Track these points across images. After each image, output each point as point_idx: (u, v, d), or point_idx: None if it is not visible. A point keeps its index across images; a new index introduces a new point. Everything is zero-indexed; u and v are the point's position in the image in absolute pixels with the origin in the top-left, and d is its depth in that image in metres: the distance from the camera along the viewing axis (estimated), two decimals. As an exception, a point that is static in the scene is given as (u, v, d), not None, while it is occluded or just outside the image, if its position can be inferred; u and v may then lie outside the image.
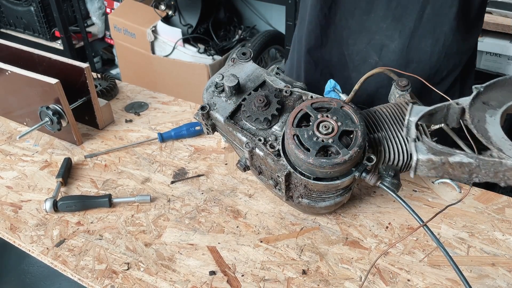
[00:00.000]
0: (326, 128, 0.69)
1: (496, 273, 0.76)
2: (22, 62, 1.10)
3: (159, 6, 2.59)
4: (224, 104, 0.82)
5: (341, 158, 0.67)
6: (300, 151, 0.68)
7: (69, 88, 1.02)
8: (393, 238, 0.82)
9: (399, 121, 0.75)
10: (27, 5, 2.88)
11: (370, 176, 0.71)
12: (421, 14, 0.88)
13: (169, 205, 0.91)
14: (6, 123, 1.19)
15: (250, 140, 0.77)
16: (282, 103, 0.78)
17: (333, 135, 0.68)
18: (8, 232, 0.85)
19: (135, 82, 1.42)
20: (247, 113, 0.77)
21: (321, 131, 0.69)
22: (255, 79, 0.83)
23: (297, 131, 0.70)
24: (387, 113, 0.77)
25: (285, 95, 0.79)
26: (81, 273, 0.76)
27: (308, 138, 0.69)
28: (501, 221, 0.86)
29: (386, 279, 0.75)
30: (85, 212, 0.89)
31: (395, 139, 0.74)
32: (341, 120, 0.69)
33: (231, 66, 0.85)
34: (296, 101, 0.79)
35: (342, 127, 0.69)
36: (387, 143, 0.74)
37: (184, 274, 0.76)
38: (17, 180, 0.98)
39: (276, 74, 0.84)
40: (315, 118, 0.70)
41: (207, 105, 0.82)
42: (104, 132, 1.14)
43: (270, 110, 0.76)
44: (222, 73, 0.83)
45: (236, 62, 0.85)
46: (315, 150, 0.68)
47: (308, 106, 0.71)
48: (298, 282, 0.75)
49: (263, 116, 0.76)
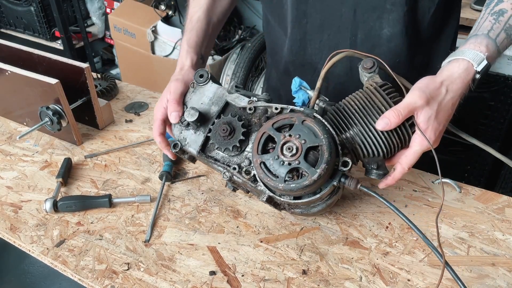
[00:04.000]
0: (290, 150, 0.67)
1: (496, 273, 0.76)
2: (22, 62, 1.10)
3: (159, 6, 2.59)
4: (194, 137, 0.81)
5: (309, 179, 0.66)
6: (269, 179, 0.67)
7: (69, 88, 1.02)
8: (393, 238, 0.82)
9: (369, 110, 0.70)
10: (27, 5, 2.88)
11: (349, 181, 0.70)
12: (353, 39, 0.91)
13: (169, 205, 0.91)
14: (6, 123, 1.19)
15: (226, 169, 0.77)
16: (248, 123, 0.77)
17: (298, 156, 0.67)
18: (8, 232, 0.85)
19: (135, 82, 1.42)
20: (215, 145, 0.77)
21: (285, 154, 0.68)
22: (218, 101, 0.81)
23: (263, 158, 0.69)
24: (355, 105, 0.72)
25: (249, 112, 0.77)
26: (81, 273, 0.76)
27: (274, 163, 0.68)
28: (501, 221, 0.86)
29: (386, 279, 0.75)
30: (85, 212, 0.89)
31: (368, 131, 0.70)
32: (305, 137, 0.67)
33: (192, 93, 0.83)
34: (262, 116, 0.77)
35: (307, 145, 0.67)
36: (360, 139, 0.70)
37: (184, 274, 0.76)
38: (17, 180, 0.98)
39: (236, 90, 0.81)
40: (278, 140, 0.68)
41: (178, 141, 0.82)
42: (104, 132, 1.14)
43: (236, 137, 0.75)
44: (186, 102, 0.83)
45: (196, 86, 0.83)
46: (283, 175, 0.67)
47: (270, 127, 0.70)
48: (298, 282, 0.75)
49: (231, 145, 0.75)
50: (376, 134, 0.69)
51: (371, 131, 0.70)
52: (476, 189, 0.93)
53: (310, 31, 0.93)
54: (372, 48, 0.90)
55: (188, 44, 0.91)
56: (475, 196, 0.92)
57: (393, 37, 0.89)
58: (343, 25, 0.90)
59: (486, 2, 0.77)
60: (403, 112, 0.66)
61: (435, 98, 0.68)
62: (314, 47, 0.95)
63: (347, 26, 0.89)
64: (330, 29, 0.91)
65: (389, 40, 0.90)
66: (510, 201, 0.90)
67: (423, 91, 0.67)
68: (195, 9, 0.94)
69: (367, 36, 0.90)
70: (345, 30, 0.90)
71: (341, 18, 0.89)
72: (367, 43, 0.90)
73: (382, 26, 0.88)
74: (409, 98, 0.67)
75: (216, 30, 0.99)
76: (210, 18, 0.96)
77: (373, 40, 0.90)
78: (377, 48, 0.90)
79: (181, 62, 0.91)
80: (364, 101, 0.71)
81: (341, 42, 0.92)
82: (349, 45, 0.91)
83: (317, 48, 0.95)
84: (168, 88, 0.84)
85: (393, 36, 0.89)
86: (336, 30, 0.91)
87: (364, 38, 0.90)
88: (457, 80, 0.69)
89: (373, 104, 0.70)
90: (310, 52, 0.96)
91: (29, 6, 2.88)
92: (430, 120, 0.68)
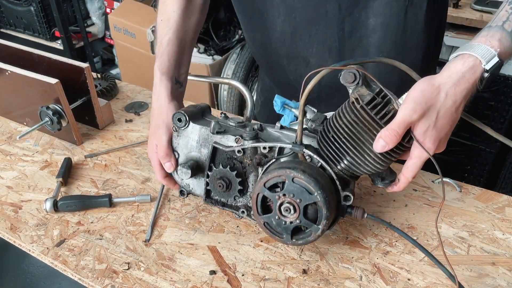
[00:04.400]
0: (288, 211, 0.68)
1: (496, 272, 0.76)
2: (22, 62, 1.10)
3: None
4: (196, 182, 0.85)
5: (314, 235, 0.69)
6: (276, 238, 0.69)
7: (69, 88, 1.02)
8: (393, 238, 0.82)
9: (360, 136, 0.65)
10: (27, 5, 2.89)
11: (355, 212, 0.70)
12: (341, 34, 0.90)
13: (169, 204, 0.91)
14: (6, 123, 1.19)
15: (235, 212, 0.82)
16: (241, 165, 0.78)
17: (298, 215, 0.67)
18: (8, 232, 0.85)
19: (135, 82, 1.42)
20: (216, 195, 0.81)
21: (285, 215, 0.68)
22: (205, 143, 0.81)
23: (265, 219, 0.71)
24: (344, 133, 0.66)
25: (239, 155, 0.77)
26: (82, 273, 0.76)
27: (277, 224, 0.70)
28: (501, 220, 0.86)
29: (387, 278, 0.75)
30: (85, 212, 0.89)
31: (363, 159, 0.66)
32: (299, 196, 0.66)
33: (178, 137, 0.83)
34: (253, 156, 0.76)
35: (303, 204, 0.66)
36: (357, 166, 0.67)
37: (185, 273, 0.76)
38: (17, 180, 0.98)
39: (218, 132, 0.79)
40: (274, 201, 0.68)
41: (183, 189, 0.85)
42: (104, 132, 1.14)
43: (235, 188, 0.78)
44: (175, 148, 0.83)
45: (179, 130, 0.82)
46: (288, 234, 0.69)
47: (262, 188, 0.69)
48: (298, 282, 0.75)
49: (232, 196, 0.79)
50: (372, 159, 0.66)
51: (366, 158, 0.66)
52: (476, 189, 0.93)
53: (299, 25, 0.92)
54: (360, 40, 0.89)
55: (161, 70, 0.86)
56: (475, 195, 0.92)
57: (380, 26, 0.87)
58: (330, 21, 0.88)
59: None
60: (399, 131, 0.61)
61: (433, 106, 0.61)
62: (304, 41, 0.94)
63: (334, 21, 0.88)
64: (318, 25, 0.90)
65: (375, 30, 0.88)
66: (510, 200, 0.90)
67: (418, 103, 0.61)
68: (164, 31, 0.88)
69: (354, 28, 0.88)
70: (333, 25, 0.89)
71: (326, 14, 0.88)
72: (354, 34, 0.89)
73: (368, 16, 0.87)
74: (403, 113, 0.61)
75: (191, 47, 0.94)
76: (182, 37, 0.89)
77: (360, 31, 0.89)
78: (365, 39, 0.89)
79: (156, 92, 0.87)
80: (353, 126, 0.65)
81: (329, 37, 0.91)
82: (337, 40, 0.90)
83: (307, 42, 0.94)
84: (153, 133, 0.85)
85: (378, 25, 0.87)
86: (323, 25, 0.90)
87: (351, 31, 0.89)
88: (460, 81, 0.62)
89: (363, 128, 0.65)
90: (301, 45, 0.95)
91: (29, 6, 2.88)
92: (428, 131, 0.62)
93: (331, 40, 0.91)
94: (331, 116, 0.69)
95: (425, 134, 0.63)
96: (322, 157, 0.70)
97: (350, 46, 0.91)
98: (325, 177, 0.68)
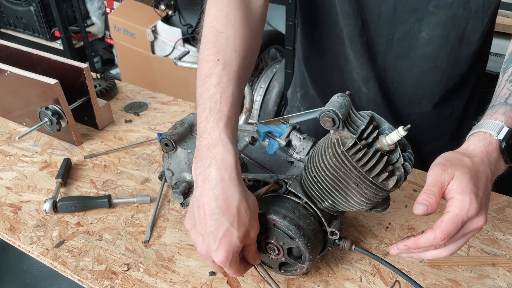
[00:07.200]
0: (273, 250, 0.70)
1: (496, 273, 0.76)
2: (21, 62, 1.10)
3: (159, 6, 2.59)
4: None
5: (299, 271, 0.71)
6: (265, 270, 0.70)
7: (68, 88, 1.02)
8: (393, 239, 0.82)
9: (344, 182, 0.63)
10: (27, 5, 2.88)
11: (343, 244, 0.71)
12: (391, 38, 0.89)
13: (168, 205, 0.91)
14: (5, 123, 1.18)
15: None
16: None
17: (282, 255, 0.69)
18: (8, 233, 0.85)
19: (135, 82, 1.42)
20: None
21: (270, 253, 0.70)
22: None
23: None
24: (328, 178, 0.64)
25: None
26: (81, 274, 0.76)
27: (264, 258, 0.72)
28: (501, 221, 0.85)
29: (386, 279, 0.75)
30: (85, 212, 0.89)
31: (344, 198, 0.64)
32: (282, 239, 0.67)
33: (168, 158, 0.82)
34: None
35: (286, 246, 0.68)
36: (340, 207, 0.66)
37: (184, 274, 0.76)
38: (16, 181, 0.98)
39: None
40: (259, 240, 0.68)
41: (184, 203, 0.83)
42: (103, 133, 1.14)
43: None
44: (169, 167, 0.82)
45: (168, 153, 0.80)
46: (276, 267, 0.72)
47: None
48: (298, 283, 0.74)
49: None
50: (355, 201, 0.64)
51: (349, 200, 0.64)
52: (476, 189, 0.93)
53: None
54: (408, 50, 0.89)
55: (227, 134, 0.61)
56: (475, 196, 0.91)
57: (431, 40, 0.86)
58: (381, 24, 0.87)
59: (502, 67, 0.73)
60: (437, 191, 0.59)
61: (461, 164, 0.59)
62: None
63: (385, 25, 0.87)
64: (369, 27, 0.89)
65: (427, 43, 0.87)
66: (510, 201, 0.90)
67: (443, 164, 0.59)
68: (225, 80, 0.64)
69: (405, 37, 0.88)
70: (383, 28, 0.88)
71: (379, 16, 0.87)
72: (403, 43, 0.89)
73: (421, 29, 0.86)
74: (433, 175, 0.59)
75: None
76: (243, 85, 0.69)
77: (410, 41, 0.88)
78: (413, 50, 0.89)
79: (218, 164, 0.60)
80: (334, 170, 0.62)
81: (378, 41, 0.90)
82: (385, 44, 0.89)
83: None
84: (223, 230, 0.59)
85: (431, 39, 0.86)
86: (374, 28, 0.88)
87: (401, 38, 0.88)
88: (477, 150, 0.60)
89: (345, 173, 0.61)
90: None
91: (29, 6, 2.88)
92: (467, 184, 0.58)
93: (378, 45, 0.90)
94: (314, 153, 0.66)
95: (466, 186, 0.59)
96: (306, 194, 0.69)
97: (396, 54, 0.90)
98: (308, 217, 0.68)
